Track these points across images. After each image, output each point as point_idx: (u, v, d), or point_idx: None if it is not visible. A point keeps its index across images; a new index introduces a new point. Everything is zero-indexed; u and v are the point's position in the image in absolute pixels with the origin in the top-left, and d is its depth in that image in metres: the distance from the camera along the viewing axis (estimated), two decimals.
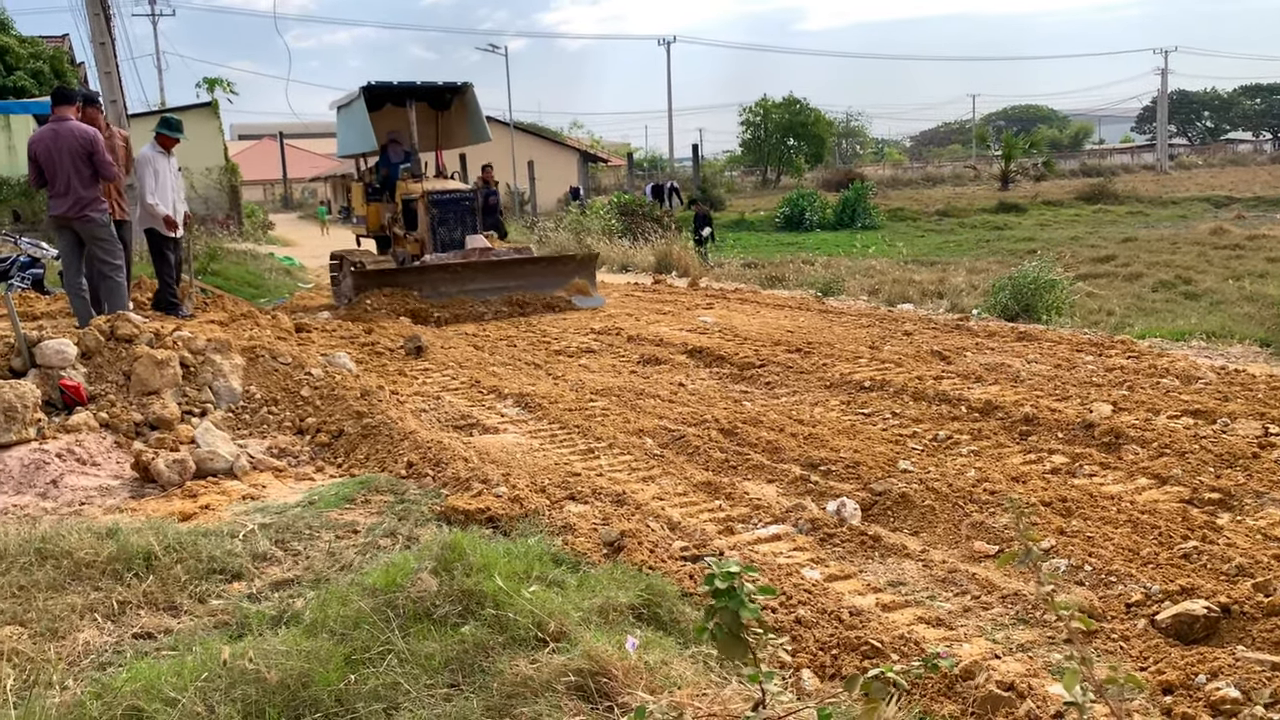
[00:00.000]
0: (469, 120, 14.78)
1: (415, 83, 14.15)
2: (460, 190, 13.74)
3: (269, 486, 5.46)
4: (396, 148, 14.27)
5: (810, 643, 3.43)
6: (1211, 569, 3.93)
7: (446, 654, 3.01)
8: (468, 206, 13.49)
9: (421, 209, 13.29)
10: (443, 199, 13.27)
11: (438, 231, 13.16)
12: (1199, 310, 11.76)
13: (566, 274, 13.01)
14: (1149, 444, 5.57)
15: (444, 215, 13.21)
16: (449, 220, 13.25)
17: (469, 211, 13.49)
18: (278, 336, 9.07)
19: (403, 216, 13.86)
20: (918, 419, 6.50)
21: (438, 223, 13.16)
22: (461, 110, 14.84)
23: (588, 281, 13.05)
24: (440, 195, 13.28)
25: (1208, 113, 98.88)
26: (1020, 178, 48.37)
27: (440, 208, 13.21)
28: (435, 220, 13.15)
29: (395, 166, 14.26)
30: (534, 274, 12.74)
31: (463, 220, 13.37)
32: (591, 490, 5.09)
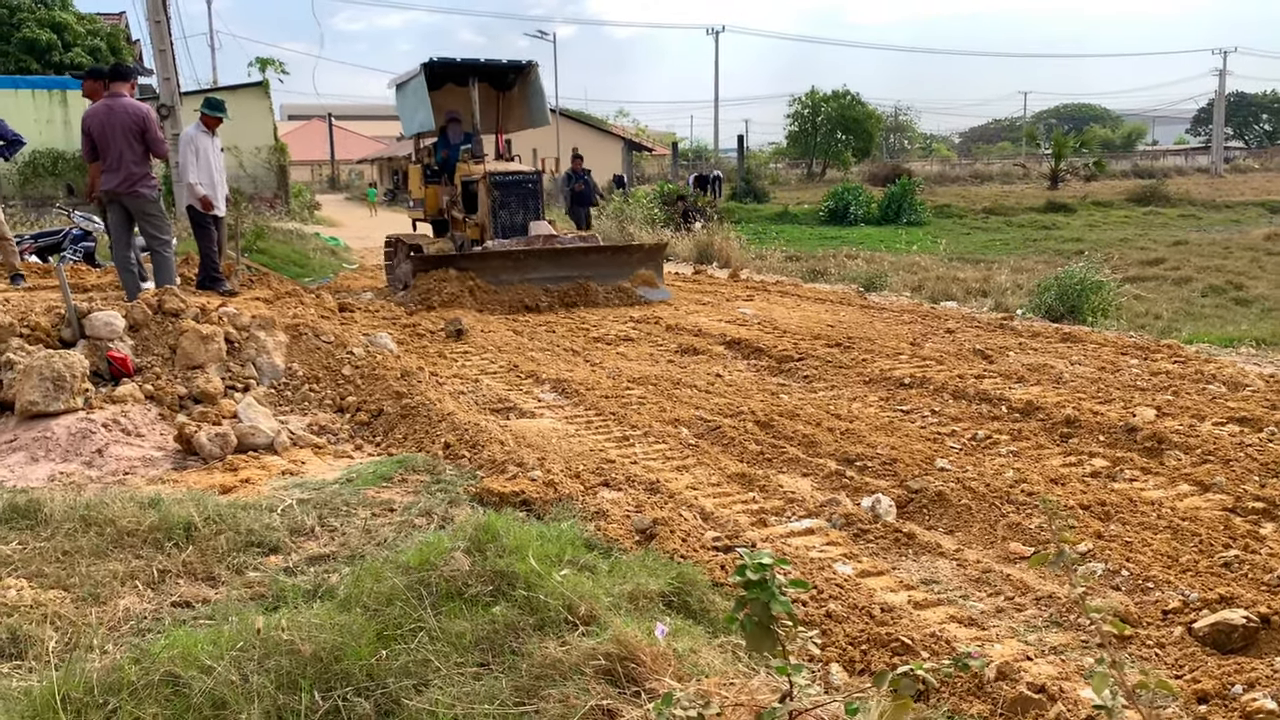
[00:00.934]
0: (529, 102, 14.17)
1: (479, 60, 13.62)
2: (523, 172, 13.03)
3: (308, 463, 5.53)
4: (456, 128, 13.76)
5: (840, 637, 3.42)
6: (1252, 579, 3.86)
7: (477, 633, 3.04)
8: (531, 189, 12.80)
9: (483, 191, 12.69)
10: (505, 180, 12.62)
11: (499, 215, 12.53)
12: (1249, 317, 11.55)
13: (632, 264, 12.42)
14: (1192, 450, 5.49)
15: (506, 198, 12.57)
16: (511, 204, 12.59)
17: (532, 195, 12.82)
18: (321, 315, 9.17)
19: (462, 199, 13.29)
20: (957, 417, 6.44)
21: (499, 206, 12.52)
22: (523, 91, 14.22)
23: (654, 273, 12.47)
24: (502, 177, 12.64)
25: (1266, 116, 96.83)
26: (1070, 177, 47.68)
27: (502, 190, 12.57)
28: (497, 203, 12.52)
29: (455, 147, 13.72)
30: (599, 263, 12.19)
31: (525, 204, 12.71)
32: (625, 477, 5.10)
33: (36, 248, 11.95)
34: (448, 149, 13.75)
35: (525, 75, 13.98)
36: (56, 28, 31.38)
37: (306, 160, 63.35)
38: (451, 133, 13.72)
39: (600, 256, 12.32)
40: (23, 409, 5.72)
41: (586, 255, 12.21)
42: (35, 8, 31.59)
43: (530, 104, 14.09)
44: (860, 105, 60.81)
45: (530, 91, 13.98)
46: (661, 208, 24.54)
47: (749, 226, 27.07)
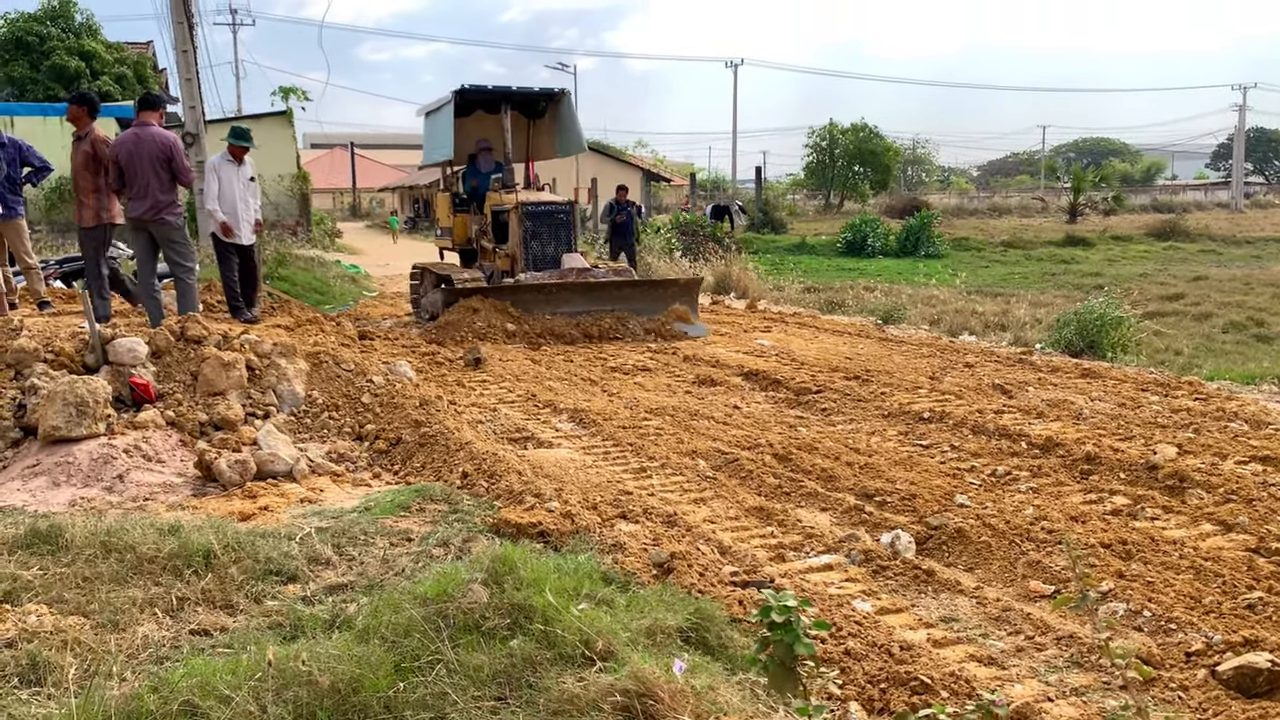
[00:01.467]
0: (561, 130, 13.92)
1: (510, 88, 13.39)
2: (555, 203, 12.67)
3: (327, 491, 5.54)
4: (487, 156, 13.60)
5: (859, 675, 3.40)
6: (1277, 621, 3.82)
7: (495, 667, 3.03)
8: (563, 220, 12.45)
9: (514, 221, 12.37)
10: (537, 211, 12.29)
11: (530, 246, 12.21)
12: (1272, 353, 11.47)
13: (667, 299, 12.04)
14: (1215, 489, 5.44)
15: (537, 229, 12.25)
16: (542, 234, 12.27)
17: (564, 226, 12.47)
18: (341, 343, 9.22)
19: (492, 229, 13.00)
20: (976, 453, 6.41)
21: (530, 236, 12.20)
22: (554, 119, 14.01)
23: (689, 309, 12.04)
24: (534, 207, 12.31)
25: None
26: (1089, 211, 47.57)
27: (534, 220, 12.24)
28: (528, 234, 12.20)
29: (485, 176, 13.49)
30: (633, 298, 11.85)
31: (557, 235, 12.38)
32: (643, 509, 5.09)
33: (61, 273, 12.08)
34: (477, 177, 13.59)
35: (557, 103, 13.85)
36: (85, 56, 31.88)
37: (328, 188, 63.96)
38: (482, 161, 13.59)
39: (634, 291, 12.00)
40: (46, 434, 5.77)
41: (620, 290, 11.91)
42: (65, 37, 32.12)
43: (562, 132, 13.88)
44: (878, 138, 61.01)
45: (562, 119, 13.81)
46: (679, 238, 24.62)
47: (766, 257, 27.11)
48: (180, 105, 17.53)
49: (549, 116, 14.05)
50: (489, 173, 13.40)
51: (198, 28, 16.74)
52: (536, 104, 13.97)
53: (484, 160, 13.53)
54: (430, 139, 14.09)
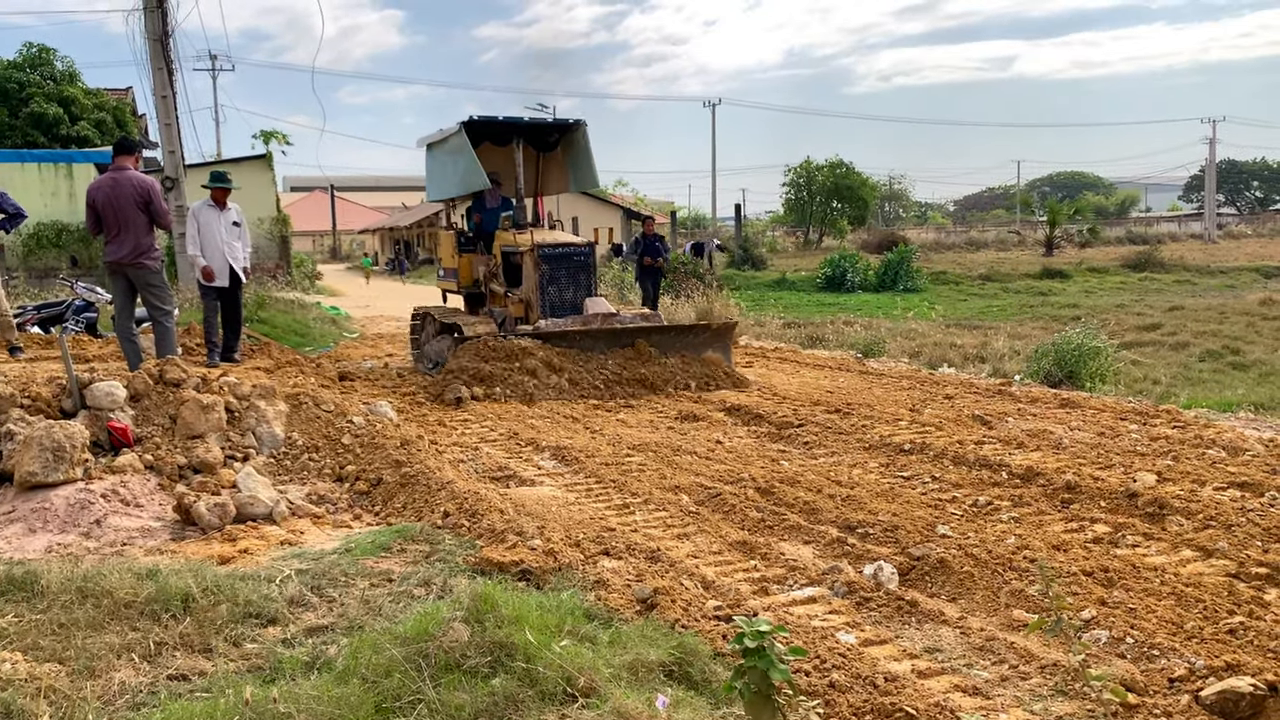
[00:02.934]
0: (575, 164, 12.94)
1: (522, 119, 12.56)
2: (575, 244, 11.70)
3: (307, 533, 5.50)
4: (493, 191, 12.57)
5: (844, 708, 3.38)
6: (1259, 645, 3.83)
7: (476, 705, 3.01)
8: (582, 263, 11.48)
9: (529, 264, 11.32)
10: (554, 254, 11.31)
11: (548, 291, 11.22)
12: (1247, 381, 11.58)
13: (698, 345, 11.03)
14: (1194, 515, 5.47)
15: (555, 273, 11.27)
16: (561, 278, 11.29)
17: (584, 269, 11.49)
18: (321, 384, 9.20)
19: (502, 272, 11.98)
20: (958, 483, 6.43)
21: (548, 281, 11.23)
22: (567, 152, 13.05)
23: (722, 355, 11.09)
24: (552, 249, 11.32)
25: (1257, 182, 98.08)
26: (1065, 244, 48.11)
27: (552, 264, 11.25)
28: (545, 278, 11.21)
29: (492, 213, 12.60)
30: (662, 345, 10.83)
31: (575, 279, 11.39)
32: (626, 546, 5.08)
33: (39, 318, 12.03)
34: (483, 214, 12.70)
35: (571, 135, 12.91)
36: (64, 102, 31.91)
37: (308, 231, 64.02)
38: (489, 197, 12.65)
39: (664, 338, 10.96)
40: (22, 480, 5.71)
41: (649, 336, 10.87)
42: (44, 83, 32.16)
43: (576, 166, 12.95)
44: (854, 174, 61.58)
45: (577, 152, 12.87)
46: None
47: (747, 293, 27.24)
48: (160, 150, 17.57)
49: (561, 149, 13.18)
50: (496, 209, 12.62)
51: (177, 73, 16.82)
52: (548, 136, 13.11)
53: (491, 196, 12.68)
54: (437, 172, 13.01)
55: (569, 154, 13.00)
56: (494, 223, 12.39)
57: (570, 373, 10.23)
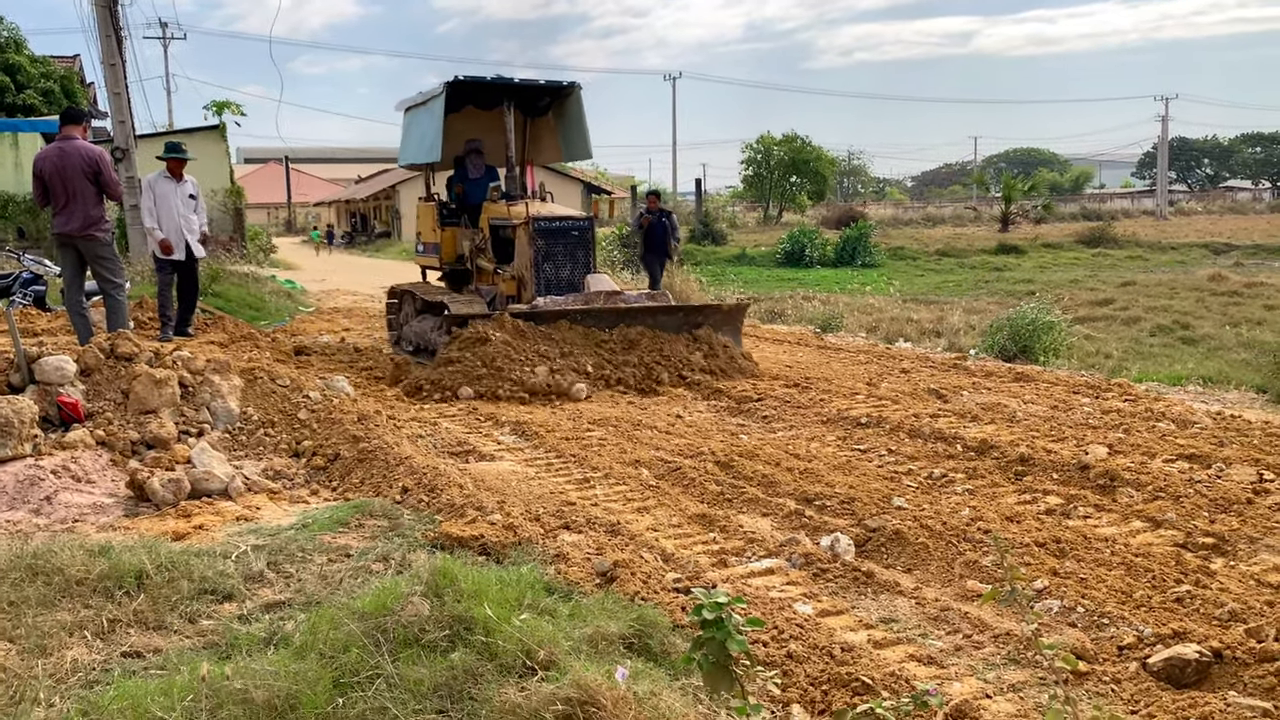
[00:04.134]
0: (567, 132, 11.98)
1: (513, 79, 11.38)
2: (573, 218, 10.81)
3: (263, 508, 5.45)
4: (478, 160, 11.72)
5: (801, 678, 3.42)
6: (1204, 614, 3.92)
7: (435, 679, 3.00)
8: (580, 238, 10.56)
9: (523, 239, 10.36)
10: (552, 228, 10.41)
11: (543, 268, 10.31)
12: (1196, 355, 11.80)
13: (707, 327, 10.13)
14: (1144, 487, 5.58)
15: (552, 248, 10.35)
16: (558, 255, 10.39)
17: (583, 245, 10.57)
18: (277, 359, 9.10)
19: (491, 246, 11.01)
20: (913, 456, 6.50)
21: (544, 257, 10.31)
22: (559, 118, 12.11)
23: (732, 338, 10.16)
24: (549, 223, 10.42)
25: (1208, 160, 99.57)
26: (1020, 220, 48.60)
27: (548, 238, 10.33)
28: (540, 254, 10.28)
29: (476, 183, 11.64)
30: (669, 326, 9.93)
31: (573, 255, 10.50)
32: (586, 520, 5.09)
33: None
34: (467, 184, 11.75)
35: (563, 100, 11.91)
36: (10, 70, 31.07)
37: (263, 203, 63.09)
38: (472, 165, 11.77)
39: (671, 319, 10.06)
40: None
41: (655, 317, 10.00)
42: None
43: (568, 134, 11.98)
44: (811, 148, 61.68)
45: (569, 119, 11.93)
46: (620, 249, 24.64)
47: (707, 268, 27.26)
48: (109, 120, 17.19)
49: (552, 115, 12.21)
50: (481, 179, 11.69)
51: (126, 41, 16.42)
52: (538, 100, 12.13)
53: (474, 164, 11.76)
54: (411, 137, 12.15)
55: (561, 120, 12.07)
56: (480, 194, 11.45)
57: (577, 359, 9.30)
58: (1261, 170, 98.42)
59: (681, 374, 9.42)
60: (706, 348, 9.79)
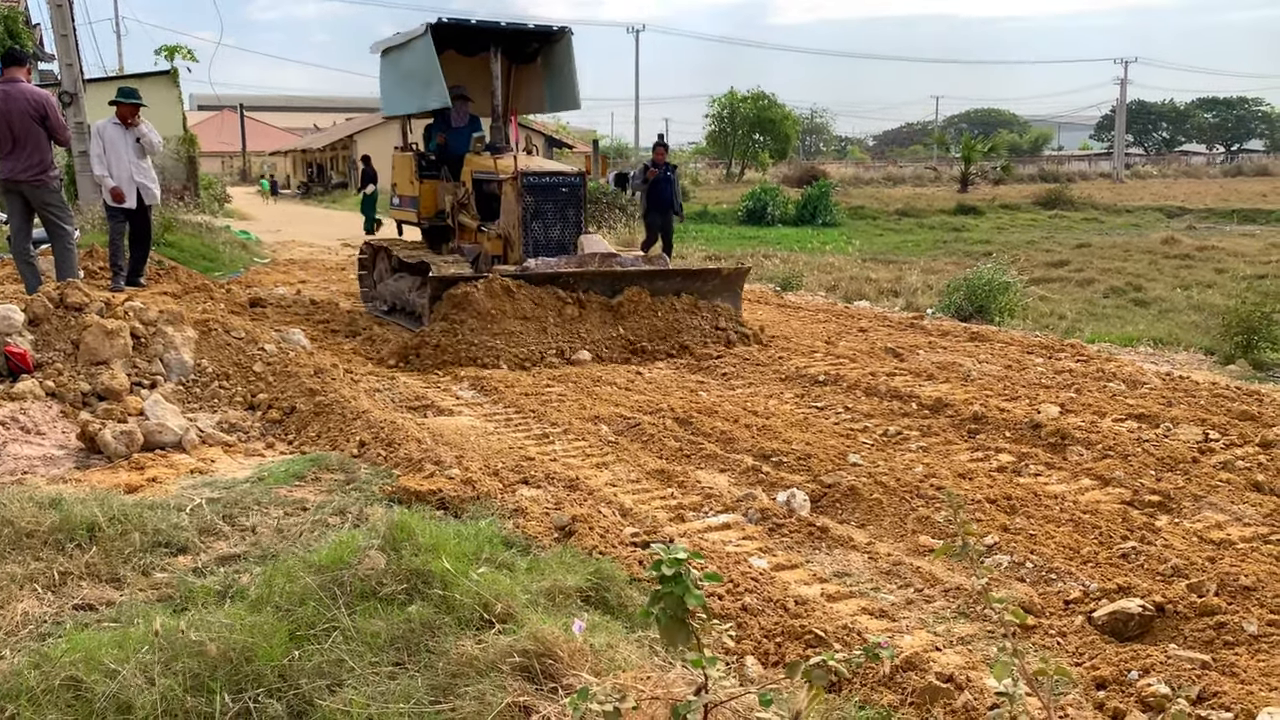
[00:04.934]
0: (554, 80, 11.19)
1: (500, 23, 10.61)
2: (564, 174, 10.11)
3: (218, 461, 5.41)
4: (460, 108, 10.89)
5: (755, 630, 3.47)
6: (1148, 569, 4.02)
7: (392, 632, 3.01)
8: (571, 195, 9.90)
9: (510, 195, 9.69)
10: (541, 183, 9.73)
11: (531, 227, 9.63)
12: (1147, 317, 11.99)
13: (706, 293, 9.51)
14: (1094, 446, 5.69)
15: (541, 205, 9.69)
16: (547, 212, 9.72)
17: (573, 203, 9.91)
18: (231, 311, 8.98)
19: (475, 202, 10.35)
20: (869, 414, 6.57)
21: (532, 215, 9.63)
22: (546, 66, 11.28)
23: (732, 304, 9.61)
24: (538, 179, 9.74)
25: (1164, 124, 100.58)
26: (979, 181, 48.84)
27: (537, 195, 9.65)
28: (529, 211, 9.61)
29: (459, 133, 10.92)
30: (665, 291, 9.33)
31: (564, 213, 9.82)
32: (545, 475, 5.10)
33: None
34: (448, 134, 11.01)
35: (551, 46, 11.11)
36: None
37: (217, 152, 61.85)
38: (455, 114, 10.94)
39: (667, 284, 9.43)
40: None
41: (652, 281, 9.38)
42: None
43: (555, 82, 11.19)
44: (776, 106, 61.47)
45: (557, 67, 11.13)
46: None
47: None
48: (56, 63, 16.71)
49: (540, 63, 11.39)
50: (464, 129, 10.99)
51: None
52: (525, 46, 11.32)
53: (459, 112, 10.95)
54: (392, 84, 11.28)
55: (549, 68, 11.26)
56: (462, 144, 10.75)
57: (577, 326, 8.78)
58: (1216, 135, 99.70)
59: (683, 343, 8.93)
60: (709, 314, 9.31)
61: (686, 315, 9.22)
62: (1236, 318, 8.93)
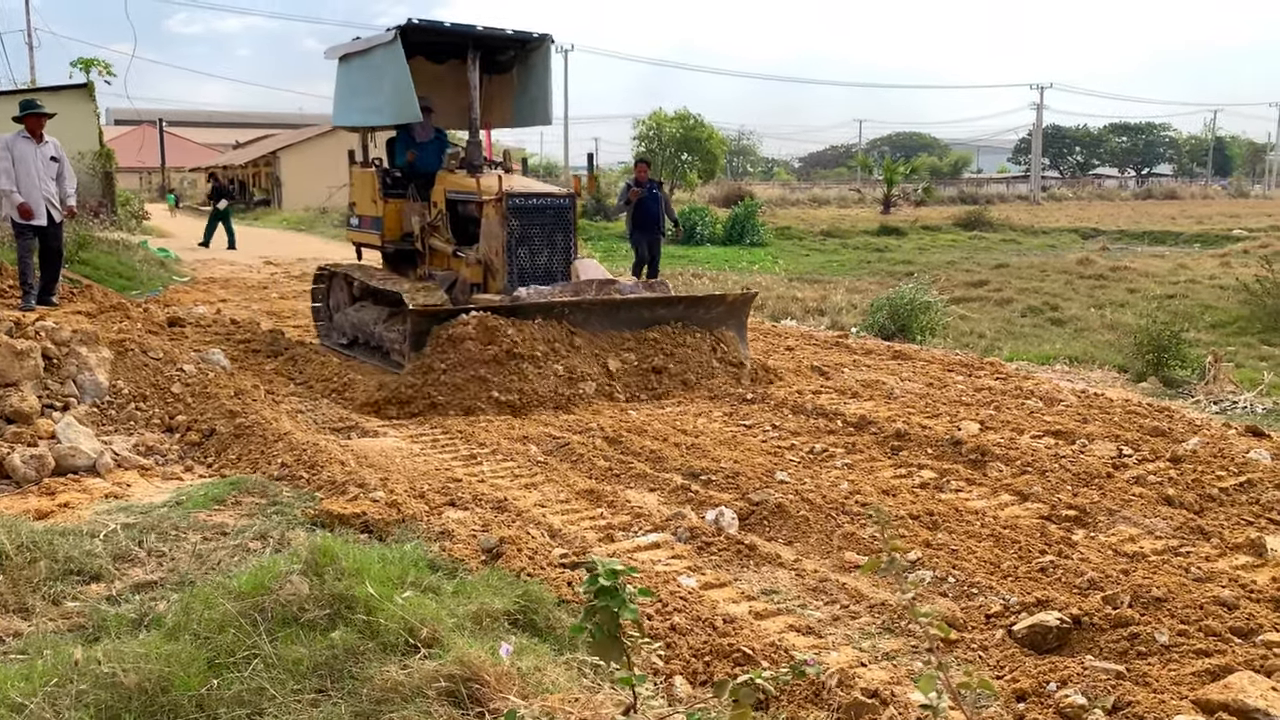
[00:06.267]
0: (526, 92, 10.32)
1: (474, 27, 9.57)
2: (553, 195, 9.24)
3: (134, 485, 5.26)
4: (426, 123, 10.01)
5: (684, 649, 3.47)
6: (1066, 582, 4.12)
7: (315, 659, 2.95)
8: (560, 218, 9.07)
9: (493, 217, 8.72)
10: (529, 205, 8.84)
11: (517, 253, 8.74)
12: (1063, 336, 12.31)
13: (710, 321, 8.71)
14: (1012, 462, 5.82)
15: (528, 229, 8.80)
16: (533, 237, 8.85)
17: (562, 226, 9.07)
18: (149, 330, 8.76)
19: (450, 225, 9.44)
20: (796, 432, 6.64)
21: (518, 240, 8.73)
22: (522, 76, 10.35)
23: (737, 334, 8.81)
24: (525, 200, 8.84)
25: (1079, 148, 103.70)
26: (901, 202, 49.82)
27: (523, 218, 8.76)
28: (515, 236, 8.71)
29: (426, 148, 10.04)
30: (667, 320, 8.51)
31: (552, 238, 8.96)
32: (472, 496, 5.06)
33: None
34: (415, 149, 10.04)
35: (528, 55, 10.20)
36: None
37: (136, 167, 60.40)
38: (419, 129, 10.07)
39: (669, 311, 8.59)
40: None
41: (653, 310, 8.54)
42: None
43: (528, 94, 10.31)
44: (702, 126, 62.02)
45: (532, 78, 10.24)
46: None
47: (599, 244, 27.23)
48: None
49: (515, 72, 10.43)
50: (432, 144, 10.13)
51: None
52: (499, 54, 10.30)
53: (422, 128, 10.05)
54: (351, 93, 10.22)
55: (523, 79, 10.34)
56: (433, 161, 9.88)
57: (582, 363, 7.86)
58: (1127, 159, 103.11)
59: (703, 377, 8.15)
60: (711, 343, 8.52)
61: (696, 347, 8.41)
62: (1148, 337, 9.22)
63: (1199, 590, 3.94)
